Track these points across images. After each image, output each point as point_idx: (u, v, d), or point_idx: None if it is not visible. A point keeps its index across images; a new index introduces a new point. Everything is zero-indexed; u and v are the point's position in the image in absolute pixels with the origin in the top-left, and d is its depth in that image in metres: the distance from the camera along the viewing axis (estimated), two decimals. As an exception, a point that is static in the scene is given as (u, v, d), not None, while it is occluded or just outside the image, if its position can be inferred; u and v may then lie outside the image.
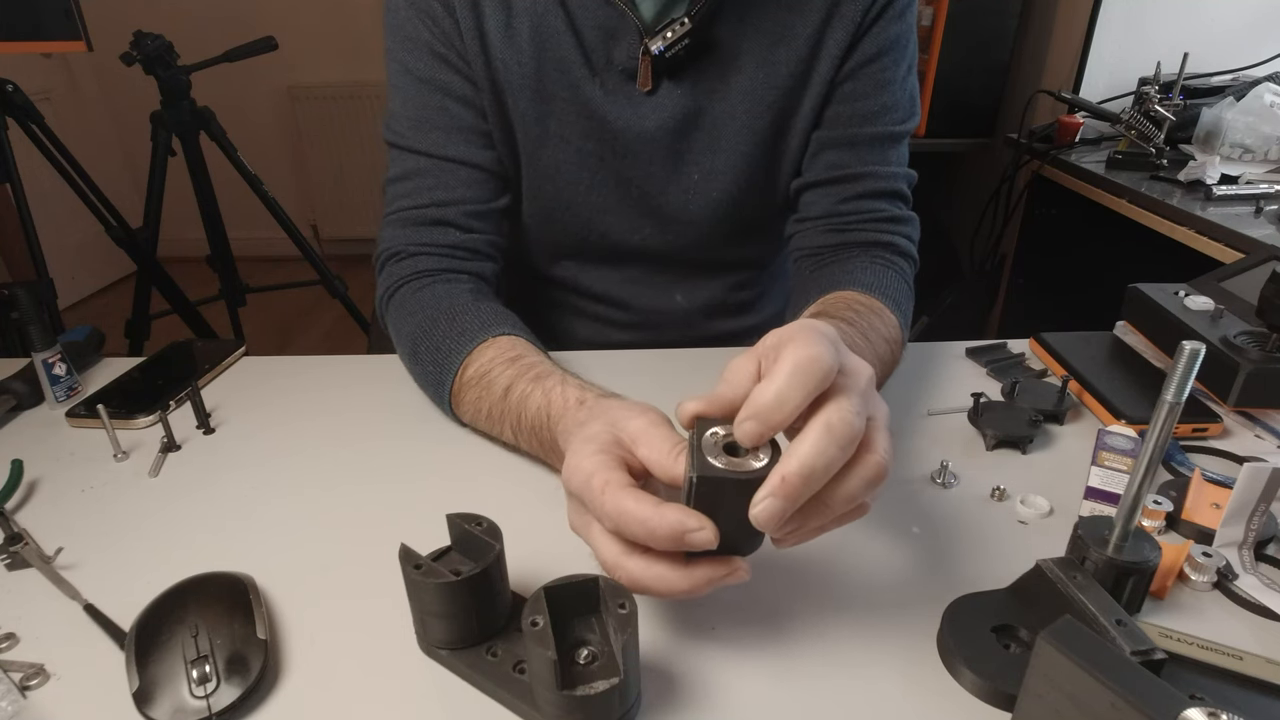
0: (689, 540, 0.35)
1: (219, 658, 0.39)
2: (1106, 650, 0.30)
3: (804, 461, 0.33)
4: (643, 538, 0.36)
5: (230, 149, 2.06)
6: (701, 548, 0.35)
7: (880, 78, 0.70)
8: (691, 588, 0.37)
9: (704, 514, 0.35)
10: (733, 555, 0.38)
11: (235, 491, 0.56)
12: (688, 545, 0.35)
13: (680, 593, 0.37)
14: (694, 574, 0.37)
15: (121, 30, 1.96)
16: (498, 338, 0.59)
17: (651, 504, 0.35)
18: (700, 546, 0.35)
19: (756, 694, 0.39)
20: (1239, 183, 1.28)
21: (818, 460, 0.33)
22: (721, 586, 0.37)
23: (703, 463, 0.35)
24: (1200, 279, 0.73)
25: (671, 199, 0.75)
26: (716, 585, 0.37)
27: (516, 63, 0.68)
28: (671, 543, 0.35)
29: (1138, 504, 0.39)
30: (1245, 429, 0.62)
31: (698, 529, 0.35)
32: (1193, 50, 1.40)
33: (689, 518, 0.35)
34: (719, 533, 0.35)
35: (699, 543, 0.35)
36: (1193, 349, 0.34)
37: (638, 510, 0.35)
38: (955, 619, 0.42)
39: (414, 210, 0.69)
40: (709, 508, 0.35)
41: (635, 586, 0.37)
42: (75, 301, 3.02)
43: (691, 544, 0.35)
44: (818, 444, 0.33)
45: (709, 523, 0.35)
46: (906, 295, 0.68)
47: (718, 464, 0.35)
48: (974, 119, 1.91)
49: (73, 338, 0.74)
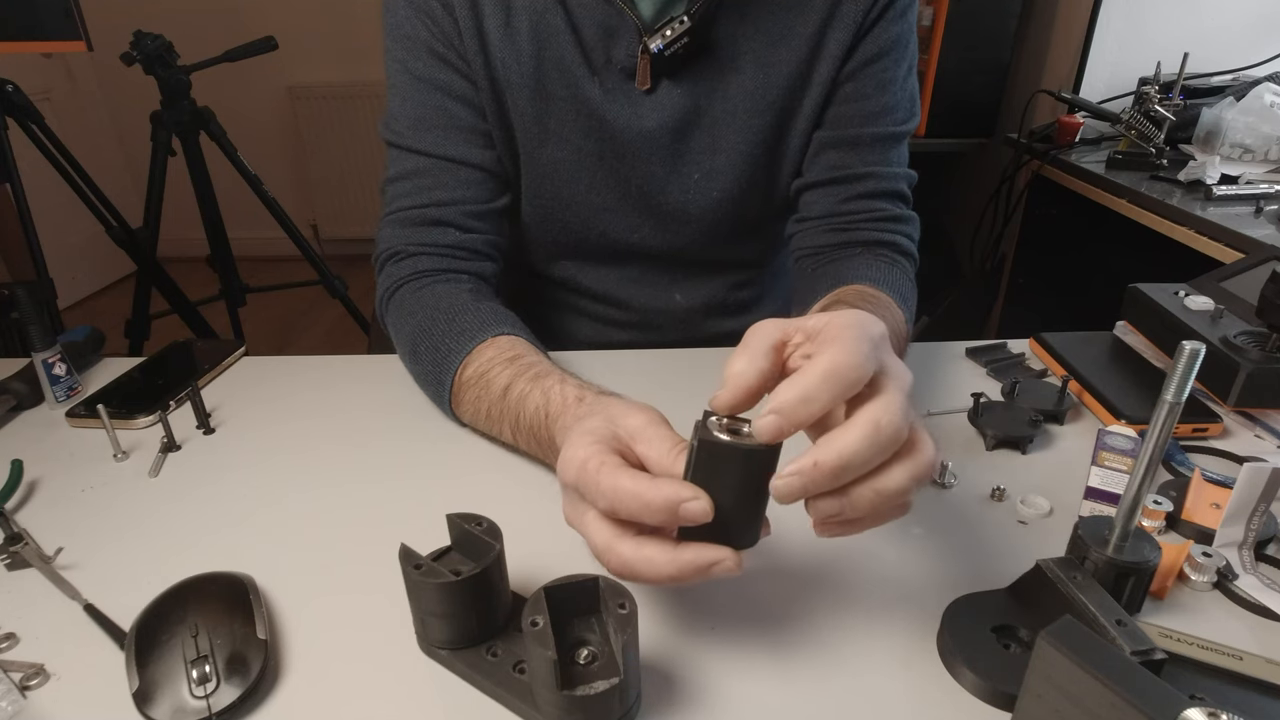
0: (684, 511, 0.34)
1: (219, 658, 0.39)
2: (1106, 650, 0.30)
3: (842, 454, 0.33)
4: (637, 511, 0.35)
5: (230, 149, 2.06)
6: (697, 520, 0.34)
7: (881, 78, 0.70)
8: (679, 571, 0.36)
9: (703, 485, 0.35)
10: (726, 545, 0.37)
11: (235, 491, 0.56)
12: (683, 517, 0.34)
13: (669, 577, 0.36)
14: (682, 555, 0.36)
15: (121, 30, 1.96)
16: (497, 337, 0.59)
17: (647, 478, 0.35)
18: (695, 519, 0.34)
19: (756, 694, 0.39)
20: (1239, 183, 1.28)
21: (856, 457, 0.33)
22: (713, 578, 0.36)
23: (705, 431, 0.35)
24: (1200, 279, 0.73)
25: (671, 198, 0.75)
26: (706, 574, 0.36)
27: (516, 62, 0.68)
28: (666, 514, 0.35)
29: (1138, 504, 0.39)
30: (1245, 429, 0.62)
31: (692, 498, 0.34)
32: (1193, 50, 1.40)
33: (683, 488, 0.34)
34: (715, 506, 0.34)
35: (694, 513, 0.34)
36: (1193, 349, 0.34)
37: (633, 484, 0.35)
38: (955, 619, 0.42)
39: (413, 210, 0.69)
40: (707, 479, 0.35)
41: (625, 572, 0.37)
42: (75, 301, 3.02)
43: (686, 515, 0.34)
44: (862, 440, 0.33)
45: (703, 493, 0.34)
46: (910, 291, 0.69)
47: (721, 436, 0.35)
48: (974, 119, 1.91)
49: (73, 338, 0.74)
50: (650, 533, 0.37)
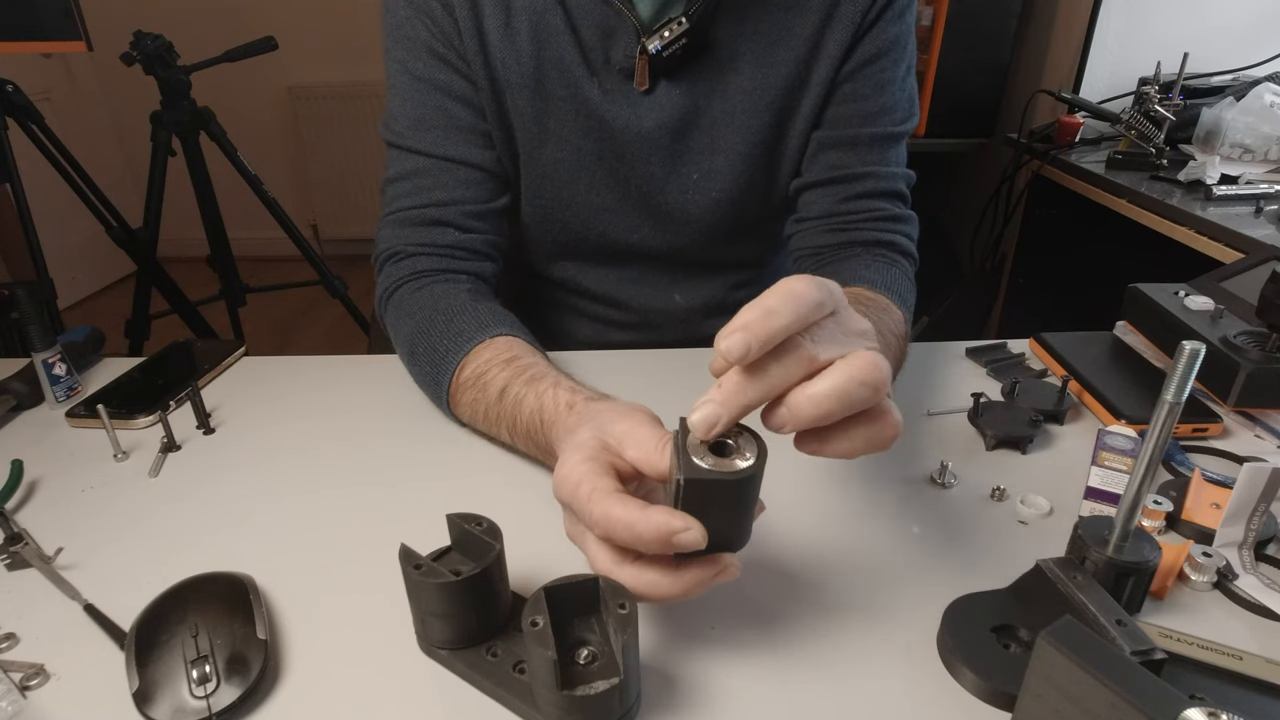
0: (677, 541, 0.34)
1: (219, 658, 0.39)
2: (1106, 650, 0.30)
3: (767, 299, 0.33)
4: (630, 542, 0.35)
5: (230, 149, 2.06)
6: (690, 549, 0.35)
7: (880, 78, 0.70)
8: (684, 591, 0.36)
9: (693, 514, 0.35)
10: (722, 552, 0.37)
11: (235, 491, 0.56)
12: (676, 546, 0.35)
13: (673, 597, 0.37)
14: (684, 577, 0.36)
15: (121, 30, 1.96)
16: (494, 338, 0.59)
17: (637, 507, 0.35)
18: (688, 547, 0.35)
19: (756, 694, 0.39)
20: (1239, 183, 1.28)
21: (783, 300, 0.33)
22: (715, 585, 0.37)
23: (689, 465, 0.34)
24: (1200, 279, 0.73)
25: (670, 198, 0.75)
26: (709, 585, 0.37)
27: (515, 62, 0.68)
28: (659, 545, 0.35)
29: (1138, 504, 0.39)
30: (1245, 429, 0.62)
31: (684, 529, 0.34)
32: (1193, 50, 1.40)
33: (674, 519, 0.34)
34: (707, 532, 0.35)
35: (686, 543, 0.34)
36: (1193, 349, 0.34)
37: (624, 515, 0.35)
38: (955, 619, 0.42)
39: (413, 210, 0.69)
40: (697, 509, 0.35)
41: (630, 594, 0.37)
42: (75, 301, 3.02)
43: (679, 545, 0.34)
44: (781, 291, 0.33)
45: (695, 523, 0.34)
46: (910, 292, 0.69)
47: (704, 464, 0.34)
48: (974, 119, 1.91)
49: (73, 338, 0.74)
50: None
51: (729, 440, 0.36)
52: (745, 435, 0.36)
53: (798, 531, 0.50)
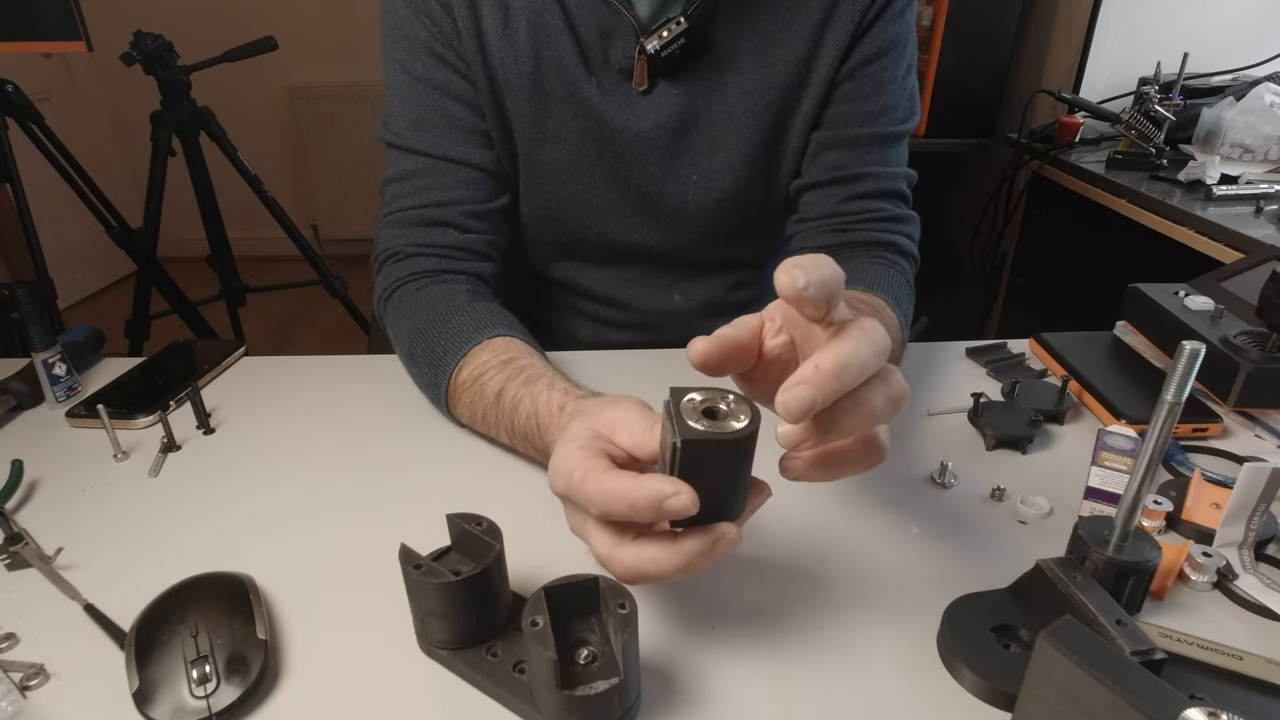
0: (667, 506, 0.34)
1: (219, 658, 0.39)
2: (1106, 650, 0.30)
3: (841, 355, 0.33)
4: (626, 512, 0.35)
5: (230, 149, 2.06)
6: (682, 513, 0.35)
7: (880, 78, 0.70)
8: (685, 563, 0.36)
9: (689, 479, 0.35)
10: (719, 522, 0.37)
11: (235, 491, 0.56)
12: (669, 511, 0.35)
13: (676, 570, 0.36)
14: (684, 548, 0.36)
15: (121, 30, 1.96)
16: (492, 339, 0.59)
17: (630, 477, 0.35)
18: (682, 512, 0.34)
19: (756, 694, 0.39)
20: (1239, 183, 1.28)
21: (854, 357, 0.33)
22: (718, 555, 0.37)
23: (684, 427, 0.34)
24: (1200, 279, 0.73)
25: (670, 199, 0.75)
26: (710, 557, 0.36)
27: (514, 62, 0.68)
28: (652, 511, 0.35)
29: (1138, 504, 0.39)
30: (1245, 429, 0.62)
31: (674, 493, 0.34)
32: (1193, 50, 1.40)
33: (665, 483, 0.34)
34: (701, 496, 0.34)
35: (677, 507, 0.34)
36: (1193, 349, 0.34)
37: (617, 485, 0.35)
38: (955, 619, 0.42)
39: (412, 210, 0.69)
40: (693, 472, 0.35)
41: (632, 576, 0.37)
42: (75, 301, 3.01)
43: (671, 509, 0.34)
44: (856, 344, 0.33)
45: (685, 486, 0.34)
46: (907, 294, 0.68)
47: (699, 427, 0.34)
48: (974, 119, 1.91)
49: (73, 338, 0.74)
50: (649, 531, 0.38)
51: (721, 405, 0.36)
52: (738, 400, 0.36)
53: (798, 531, 0.50)
